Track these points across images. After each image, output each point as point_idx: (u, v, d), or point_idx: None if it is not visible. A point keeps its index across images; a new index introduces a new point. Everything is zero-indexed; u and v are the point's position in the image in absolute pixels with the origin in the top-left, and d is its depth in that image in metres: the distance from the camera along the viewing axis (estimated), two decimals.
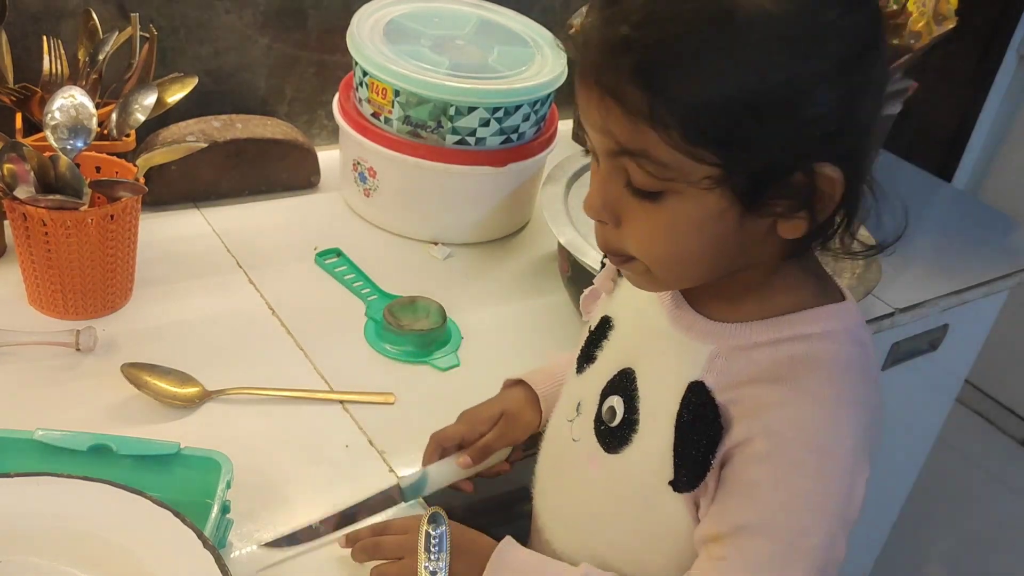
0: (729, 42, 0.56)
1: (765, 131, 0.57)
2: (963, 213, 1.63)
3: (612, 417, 0.73)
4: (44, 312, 1.00)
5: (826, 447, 0.64)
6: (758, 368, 0.66)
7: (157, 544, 0.67)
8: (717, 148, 0.58)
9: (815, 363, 0.65)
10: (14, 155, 0.92)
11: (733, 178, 0.59)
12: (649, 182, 0.61)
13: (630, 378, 0.73)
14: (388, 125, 1.17)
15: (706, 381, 0.67)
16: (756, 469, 0.64)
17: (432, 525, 0.80)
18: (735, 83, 0.56)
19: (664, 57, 0.57)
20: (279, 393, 0.94)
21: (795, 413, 0.64)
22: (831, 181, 0.60)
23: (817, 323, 0.66)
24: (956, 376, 1.65)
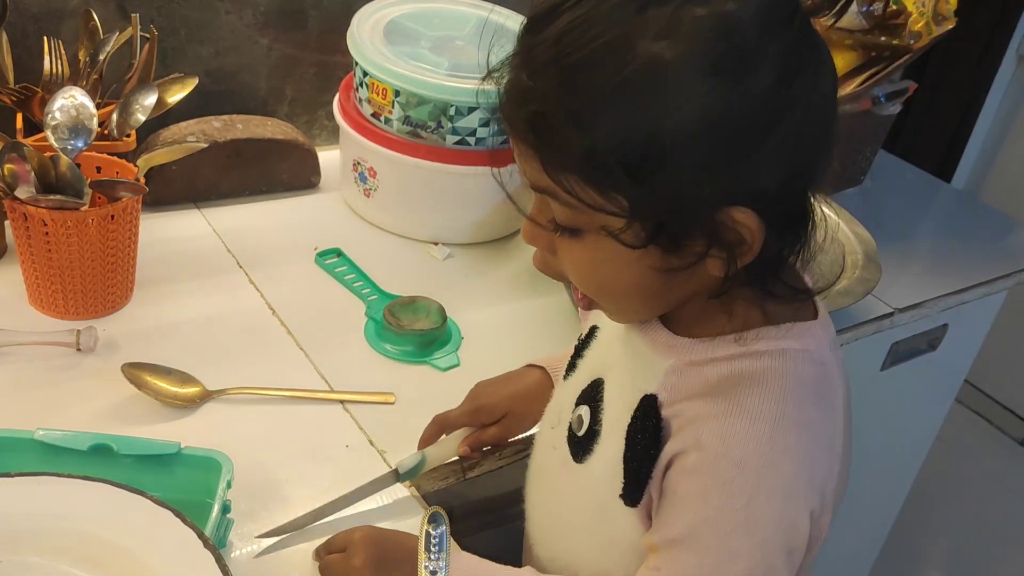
0: (623, 93, 0.55)
1: (664, 179, 0.56)
2: (963, 213, 1.63)
3: (580, 426, 0.73)
4: (44, 312, 1.00)
5: (757, 467, 0.61)
6: (705, 383, 0.65)
7: (157, 544, 0.67)
8: (616, 195, 0.57)
9: (759, 380, 0.63)
10: (15, 155, 0.92)
11: (638, 224, 0.58)
12: (566, 221, 0.61)
13: (599, 388, 0.73)
14: (388, 125, 1.17)
15: (659, 395, 0.66)
16: (686, 482, 0.63)
17: (432, 525, 0.80)
18: (631, 132, 0.55)
19: (556, 108, 0.56)
20: (279, 393, 0.95)
21: (726, 428, 0.62)
22: (746, 227, 0.58)
23: (775, 340, 0.64)
24: (955, 376, 1.65)
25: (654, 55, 0.54)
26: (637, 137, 0.55)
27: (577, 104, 0.56)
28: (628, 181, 0.56)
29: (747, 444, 0.61)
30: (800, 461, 0.62)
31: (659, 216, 0.58)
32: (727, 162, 0.56)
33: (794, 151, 0.58)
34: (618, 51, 0.55)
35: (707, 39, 0.54)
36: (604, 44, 0.55)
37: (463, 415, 0.88)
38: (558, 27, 0.56)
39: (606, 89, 0.55)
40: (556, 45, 0.56)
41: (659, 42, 0.54)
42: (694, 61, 0.54)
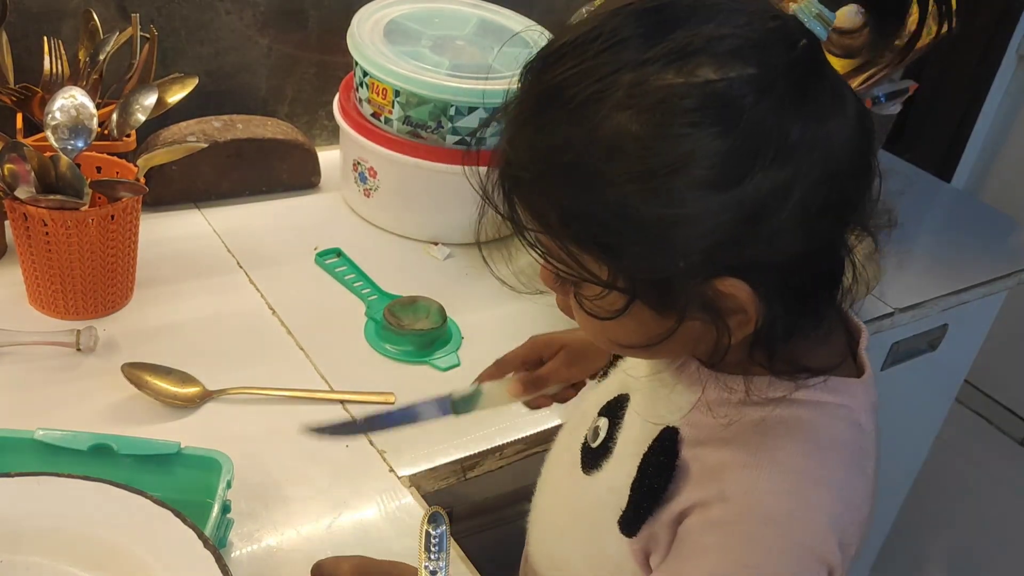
0: (593, 164, 0.53)
1: (640, 250, 0.54)
2: (963, 213, 1.63)
3: (595, 437, 0.72)
4: (45, 312, 1.00)
5: (784, 524, 0.58)
6: (736, 427, 0.61)
7: (157, 544, 0.67)
8: (593, 258, 0.56)
9: (792, 432, 0.60)
10: (15, 155, 0.92)
11: (622, 286, 0.56)
12: (562, 272, 0.60)
13: (622, 404, 0.71)
14: (388, 125, 1.17)
15: (681, 430, 0.63)
16: (707, 535, 0.59)
17: (432, 525, 0.80)
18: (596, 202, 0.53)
19: (527, 180, 0.56)
20: (279, 393, 0.95)
21: (753, 481, 0.59)
22: (733, 296, 0.55)
23: (814, 391, 0.61)
24: (955, 376, 1.65)
25: (618, 124, 0.52)
26: (605, 209, 0.53)
27: (545, 169, 0.55)
28: (606, 250, 0.55)
29: (775, 499, 0.59)
30: (826, 520, 0.59)
31: (640, 281, 0.56)
32: (702, 235, 0.53)
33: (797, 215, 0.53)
34: (585, 115, 0.53)
35: (673, 111, 0.51)
36: (574, 107, 0.53)
37: (520, 349, 0.85)
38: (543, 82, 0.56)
39: (572, 155, 0.53)
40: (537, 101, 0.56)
41: (625, 111, 0.52)
42: (657, 134, 0.51)
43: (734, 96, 0.51)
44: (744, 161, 0.52)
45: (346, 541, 0.82)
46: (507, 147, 0.57)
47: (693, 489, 0.61)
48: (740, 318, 0.56)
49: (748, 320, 0.56)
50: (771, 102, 0.52)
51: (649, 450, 0.64)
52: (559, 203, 0.55)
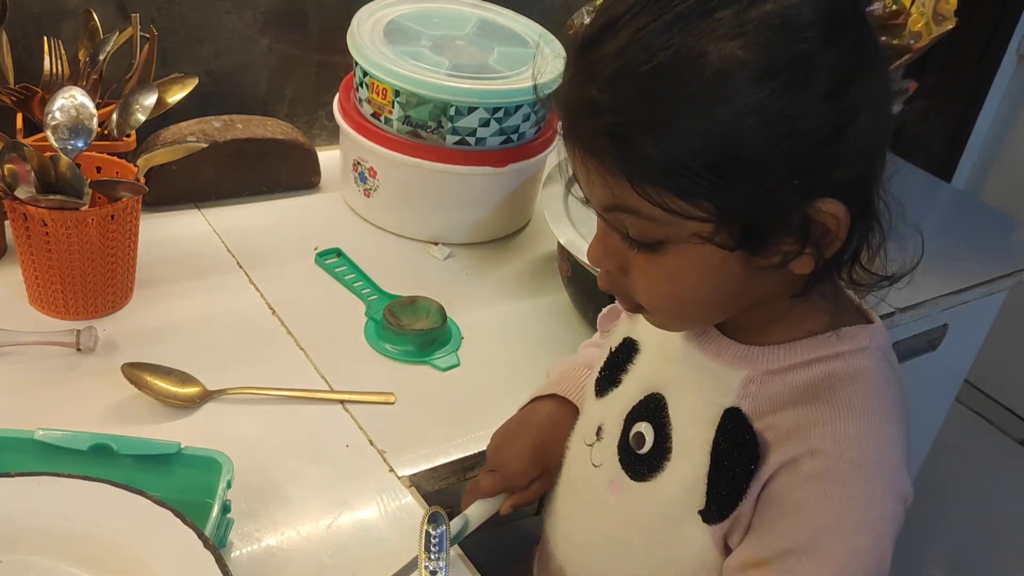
0: (701, 96, 0.54)
1: (751, 181, 0.55)
2: (963, 213, 1.63)
3: (640, 444, 0.71)
4: (45, 312, 1.00)
5: (873, 463, 0.62)
6: (794, 390, 0.64)
7: (157, 544, 0.67)
8: (703, 203, 0.56)
9: (853, 378, 0.64)
10: (15, 155, 0.92)
11: (726, 229, 0.57)
12: (644, 235, 0.60)
13: (659, 404, 0.70)
14: (388, 125, 1.17)
15: (742, 407, 0.65)
16: (802, 490, 0.62)
17: (432, 525, 0.80)
18: (713, 137, 0.54)
19: (634, 120, 0.55)
20: (279, 393, 0.95)
21: (838, 429, 0.62)
22: (834, 217, 0.58)
23: (850, 341, 0.65)
24: (956, 376, 1.65)
25: (727, 56, 0.53)
26: (719, 141, 0.54)
27: (656, 113, 0.55)
28: (714, 186, 0.55)
29: (862, 442, 0.62)
30: (901, 452, 0.64)
31: (748, 217, 0.57)
32: (813, 154, 0.56)
33: (871, 139, 0.58)
34: (690, 56, 0.54)
35: (780, 34, 0.54)
36: (675, 51, 0.54)
37: (496, 485, 0.82)
38: (620, 41, 0.55)
39: (683, 95, 0.54)
40: (623, 57, 0.55)
41: (729, 42, 0.53)
42: (768, 57, 0.54)
43: (838, 9, 0.56)
44: (849, 70, 0.55)
45: (346, 541, 0.82)
46: (603, 97, 0.56)
47: (776, 454, 0.63)
48: (831, 237, 0.59)
49: (839, 236, 0.59)
50: (862, 15, 0.57)
51: (718, 436, 0.66)
52: (671, 142, 0.55)
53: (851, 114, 0.56)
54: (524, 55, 1.22)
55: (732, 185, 0.55)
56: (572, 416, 0.83)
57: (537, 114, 1.20)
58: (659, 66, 0.54)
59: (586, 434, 0.78)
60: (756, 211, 0.57)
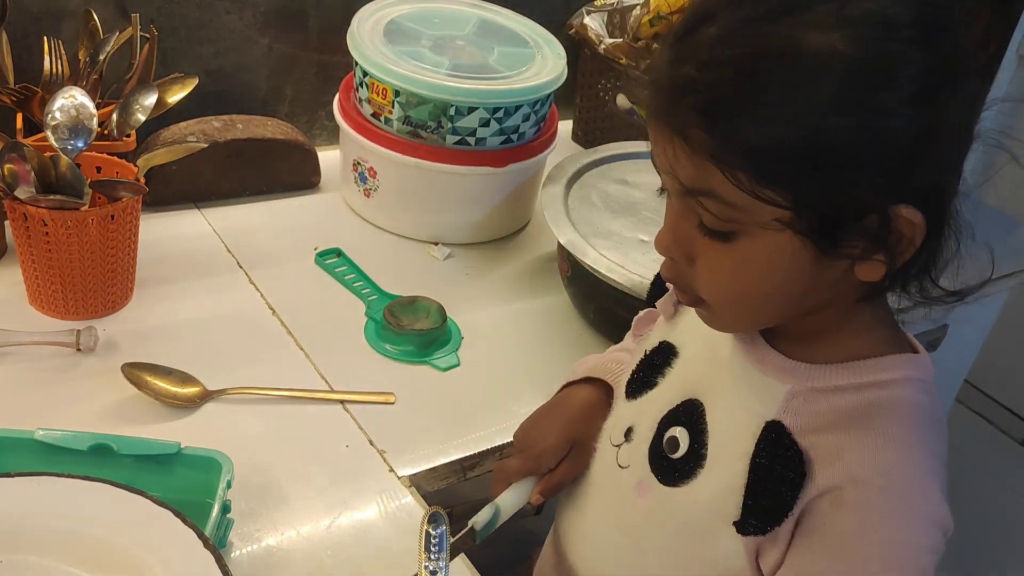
0: (796, 82, 0.54)
1: (834, 172, 0.56)
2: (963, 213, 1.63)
3: (675, 448, 0.70)
4: (45, 312, 1.00)
5: (916, 496, 0.62)
6: (838, 412, 0.63)
7: (157, 544, 0.67)
8: (785, 190, 0.56)
9: (897, 409, 0.63)
10: (15, 155, 0.92)
11: (804, 219, 0.57)
12: (719, 222, 0.59)
13: (697, 410, 0.70)
14: (388, 125, 1.17)
15: (784, 422, 0.64)
16: (844, 519, 0.61)
17: (432, 525, 0.80)
18: (802, 124, 0.55)
19: (728, 99, 0.55)
20: (279, 393, 0.95)
21: (880, 459, 0.62)
22: (910, 223, 0.58)
23: (897, 370, 0.65)
24: (956, 376, 1.65)
25: (824, 46, 0.54)
26: (808, 128, 0.55)
27: (750, 95, 0.55)
28: (797, 174, 0.56)
29: (903, 473, 0.62)
30: (939, 486, 0.64)
31: (825, 210, 0.57)
32: (894, 158, 0.56)
33: (958, 148, 0.59)
34: (789, 43, 0.54)
35: (874, 33, 0.55)
36: (773, 37, 0.55)
37: (524, 465, 0.80)
38: (718, 28, 0.56)
39: (778, 79, 0.55)
40: (721, 41, 0.56)
41: (828, 34, 0.54)
42: (870, 52, 0.54)
43: (937, 16, 0.56)
44: (940, 78, 0.56)
45: (346, 541, 0.82)
46: (699, 75, 0.56)
47: (820, 475, 0.62)
48: (904, 245, 0.59)
49: (913, 243, 0.59)
50: (956, 27, 0.57)
51: (758, 448, 0.65)
52: (765, 125, 0.55)
53: (936, 122, 0.56)
54: (524, 55, 1.22)
55: (814, 175, 0.56)
56: (607, 400, 0.81)
57: (537, 114, 1.20)
58: (757, 51, 0.55)
59: (613, 434, 0.77)
60: (834, 205, 0.57)
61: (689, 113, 0.57)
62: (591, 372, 0.84)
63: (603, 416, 0.80)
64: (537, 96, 1.18)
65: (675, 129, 0.58)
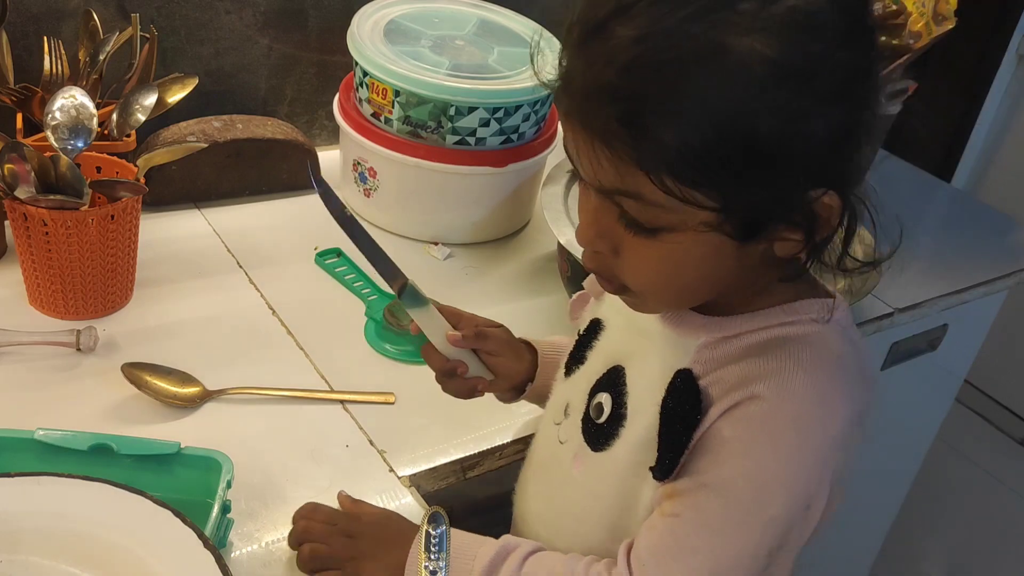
0: (719, 86, 0.54)
1: (760, 172, 0.56)
2: (962, 213, 1.63)
3: (600, 414, 0.73)
4: (44, 312, 1.00)
5: (809, 426, 0.63)
6: (745, 349, 0.66)
7: (157, 544, 0.67)
8: (711, 191, 0.57)
9: (806, 342, 0.65)
10: (15, 155, 0.92)
11: (731, 217, 0.58)
12: (644, 220, 0.60)
13: (619, 375, 0.72)
14: (388, 125, 1.17)
15: (693, 369, 0.67)
16: (734, 428, 0.63)
17: (432, 525, 0.80)
18: (728, 128, 0.55)
19: (651, 106, 0.55)
20: (279, 393, 0.95)
21: (782, 381, 0.63)
22: (828, 207, 0.60)
23: (808, 311, 0.66)
24: (955, 376, 1.65)
25: (748, 50, 0.54)
26: (734, 132, 0.55)
27: (673, 101, 0.55)
28: (724, 177, 0.56)
29: (803, 400, 0.62)
30: (841, 426, 0.64)
31: (753, 209, 0.58)
32: (823, 146, 0.57)
33: (870, 133, 0.60)
34: (711, 47, 0.54)
35: (802, 30, 0.55)
36: (697, 41, 0.54)
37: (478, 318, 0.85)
38: (638, 27, 0.56)
39: (702, 85, 0.55)
40: (642, 44, 0.55)
41: (751, 36, 0.54)
42: (792, 52, 0.55)
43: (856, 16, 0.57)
44: (860, 71, 0.57)
45: None
46: (621, 82, 0.56)
47: (719, 405, 0.64)
48: (821, 224, 0.60)
49: (830, 224, 0.60)
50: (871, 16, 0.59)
51: (667, 396, 0.66)
52: (686, 131, 0.55)
53: (854, 117, 0.58)
54: (524, 55, 1.22)
55: (742, 178, 0.56)
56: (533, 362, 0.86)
57: (537, 114, 1.20)
58: (680, 55, 0.55)
59: (555, 414, 0.80)
60: (762, 203, 0.58)
61: (610, 121, 0.56)
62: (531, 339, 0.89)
63: (528, 365, 0.86)
64: (537, 96, 1.18)
65: (595, 133, 0.58)
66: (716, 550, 0.64)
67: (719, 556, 0.64)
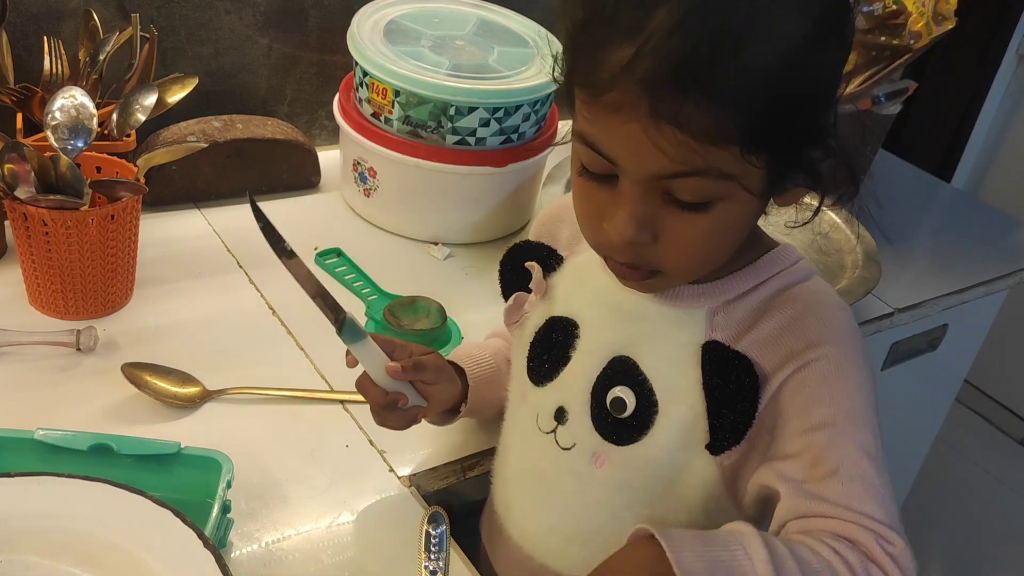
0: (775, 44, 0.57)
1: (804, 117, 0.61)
2: (963, 213, 1.63)
3: (622, 409, 0.71)
4: (45, 312, 1.00)
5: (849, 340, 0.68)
6: (757, 310, 0.69)
7: (157, 544, 0.67)
8: (775, 153, 0.60)
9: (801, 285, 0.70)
10: (15, 155, 0.92)
11: (781, 172, 0.62)
12: (698, 197, 0.61)
13: (630, 366, 0.71)
14: (388, 125, 1.17)
15: (718, 338, 0.69)
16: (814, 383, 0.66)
17: (432, 525, 0.81)
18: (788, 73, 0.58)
19: (730, 76, 0.56)
20: (279, 393, 0.95)
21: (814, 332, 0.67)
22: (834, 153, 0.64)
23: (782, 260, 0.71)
24: (955, 376, 1.65)
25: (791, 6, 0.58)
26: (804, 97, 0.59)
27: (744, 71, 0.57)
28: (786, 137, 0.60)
29: (833, 325, 0.68)
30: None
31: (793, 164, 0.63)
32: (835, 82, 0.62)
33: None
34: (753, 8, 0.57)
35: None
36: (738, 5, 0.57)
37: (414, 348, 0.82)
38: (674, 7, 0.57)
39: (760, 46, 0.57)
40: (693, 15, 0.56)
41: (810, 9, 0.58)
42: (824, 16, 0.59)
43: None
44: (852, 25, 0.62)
45: (346, 541, 0.82)
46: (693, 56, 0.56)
47: (767, 366, 0.67)
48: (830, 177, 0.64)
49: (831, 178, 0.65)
50: None
51: (705, 371, 0.68)
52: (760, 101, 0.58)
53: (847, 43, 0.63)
54: (524, 55, 1.22)
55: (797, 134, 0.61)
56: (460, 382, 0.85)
57: (537, 114, 1.20)
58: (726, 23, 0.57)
59: (541, 423, 0.77)
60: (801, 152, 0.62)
61: (687, 101, 0.56)
62: (452, 357, 0.87)
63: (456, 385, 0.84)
64: (537, 96, 1.18)
65: (662, 117, 0.57)
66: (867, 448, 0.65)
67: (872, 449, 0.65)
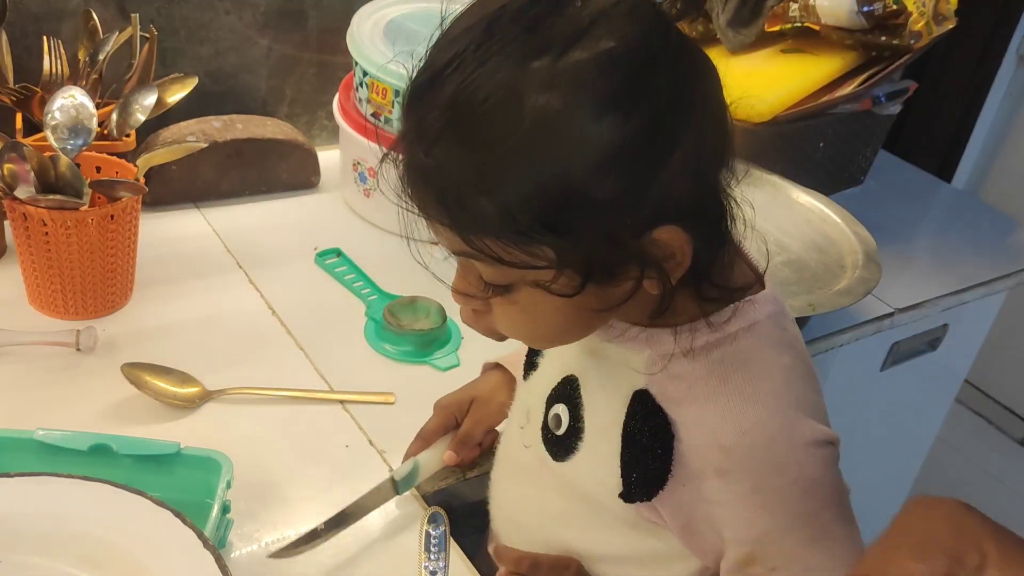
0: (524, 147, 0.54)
1: (582, 222, 0.56)
2: (963, 213, 1.63)
3: (558, 425, 0.73)
4: (44, 312, 1.00)
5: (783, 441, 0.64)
6: (694, 379, 0.65)
7: (157, 544, 0.67)
8: (541, 247, 0.57)
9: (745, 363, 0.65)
10: (14, 155, 0.92)
11: (568, 270, 0.58)
12: (495, 279, 0.61)
13: (573, 386, 0.72)
14: (388, 125, 1.17)
15: (650, 389, 0.66)
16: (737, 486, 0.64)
17: (432, 525, 0.81)
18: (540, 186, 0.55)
19: (463, 179, 0.56)
20: (279, 393, 0.95)
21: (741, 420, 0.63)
22: (671, 243, 0.58)
23: (741, 318, 0.65)
24: (956, 376, 1.65)
25: (544, 107, 0.53)
26: (547, 190, 0.55)
27: (480, 172, 0.55)
28: (549, 234, 0.56)
29: (763, 428, 0.63)
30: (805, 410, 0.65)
31: (587, 259, 0.58)
32: (640, 189, 0.56)
33: (699, 159, 0.58)
34: (509, 110, 0.54)
35: (592, 80, 0.54)
36: (493, 106, 0.54)
37: (435, 419, 0.89)
38: (445, 95, 0.55)
39: (505, 150, 0.54)
40: (447, 112, 0.55)
41: (546, 93, 0.53)
42: (584, 104, 0.54)
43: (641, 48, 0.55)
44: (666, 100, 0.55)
45: (346, 541, 0.82)
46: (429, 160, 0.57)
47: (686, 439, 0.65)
48: (674, 262, 0.59)
49: (683, 260, 0.59)
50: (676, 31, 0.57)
51: (628, 418, 0.67)
52: (501, 198, 0.55)
53: (673, 141, 0.56)
54: None
55: (567, 232, 0.56)
56: (510, 385, 0.87)
57: None
58: (480, 123, 0.55)
59: (518, 417, 0.80)
60: (594, 252, 0.58)
61: (429, 198, 0.58)
62: (503, 358, 0.91)
63: (505, 390, 0.87)
64: None
65: (424, 209, 0.60)
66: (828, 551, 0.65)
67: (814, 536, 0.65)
